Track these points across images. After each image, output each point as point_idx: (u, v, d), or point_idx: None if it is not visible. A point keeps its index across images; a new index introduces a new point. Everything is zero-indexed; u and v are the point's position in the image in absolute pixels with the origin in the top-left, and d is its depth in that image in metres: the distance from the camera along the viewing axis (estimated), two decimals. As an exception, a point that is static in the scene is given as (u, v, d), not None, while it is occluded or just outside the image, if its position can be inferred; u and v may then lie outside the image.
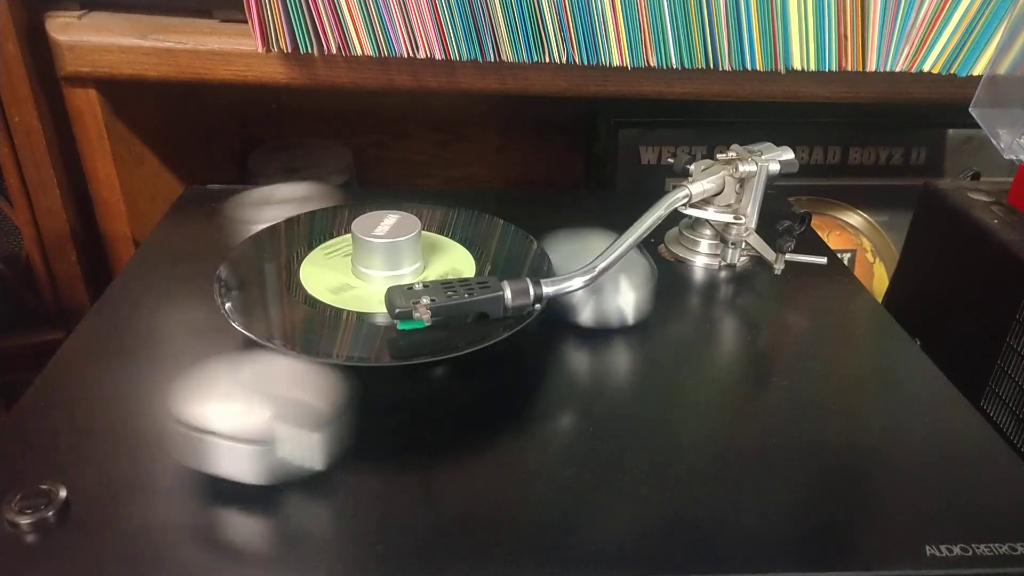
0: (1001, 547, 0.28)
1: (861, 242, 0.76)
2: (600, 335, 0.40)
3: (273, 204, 0.49)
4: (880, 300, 0.63)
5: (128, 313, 0.40)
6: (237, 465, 0.29)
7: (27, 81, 0.55)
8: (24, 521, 0.27)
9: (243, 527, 0.28)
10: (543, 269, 0.40)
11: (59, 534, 0.27)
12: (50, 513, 0.27)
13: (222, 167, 0.83)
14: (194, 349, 0.37)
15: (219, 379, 0.31)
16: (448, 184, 0.92)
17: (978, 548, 0.28)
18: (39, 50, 0.55)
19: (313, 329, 0.36)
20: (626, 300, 0.40)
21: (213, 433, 0.28)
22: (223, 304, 0.36)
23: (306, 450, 0.30)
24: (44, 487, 0.28)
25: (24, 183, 0.58)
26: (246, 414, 0.29)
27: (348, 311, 0.37)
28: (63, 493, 0.28)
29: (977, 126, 0.49)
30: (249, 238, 0.42)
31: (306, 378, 0.32)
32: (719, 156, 0.45)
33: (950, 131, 0.73)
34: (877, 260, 0.76)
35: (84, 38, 0.54)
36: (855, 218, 0.75)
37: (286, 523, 0.28)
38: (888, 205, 0.75)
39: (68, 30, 0.54)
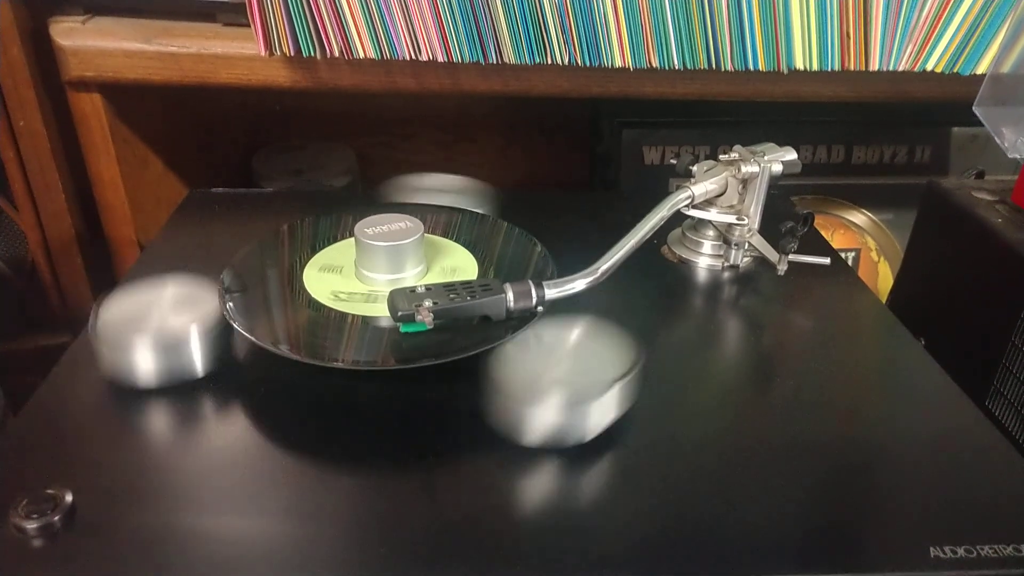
0: (1005, 548, 0.28)
1: (866, 241, 0.76)
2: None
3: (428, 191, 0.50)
4: (885, 299, 0.62)
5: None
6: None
7: (32, 86, 0.55)
8: (30, 525, 0.27)
9: (248, 530, 0.28)
10: (546, 272, 0.40)
11: (65, 538, 0.27)
12: (56, 517, 0.27)
13: (226, 170, 0.83)
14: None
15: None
16: (451, 185, 0.92)
17: (982, 549, 0.28)
18: (44, 55, 0.55)
19: (317, 333, 0.36)
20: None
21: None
22: (227, 307, 0.36)
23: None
24: (50, 491, 0.28)
25: (29, 187, 0.59)
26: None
27: (351, 314, 0.37)
28: (69, 497, 0.28)
29: (982, 124, 0.49)
30: (253, 243, 0.42)
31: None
32: (722, 157, 0.45)
33: (954, 129, 0.73)
34: (882, 259, 0.76)
35: (88, 43, 0.54)
36: (859, 217, 0.75)
37: (290, 525, 0.28)
38: (892, 204, 0.75)
39: (72, 35, 0.54)
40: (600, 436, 0.33)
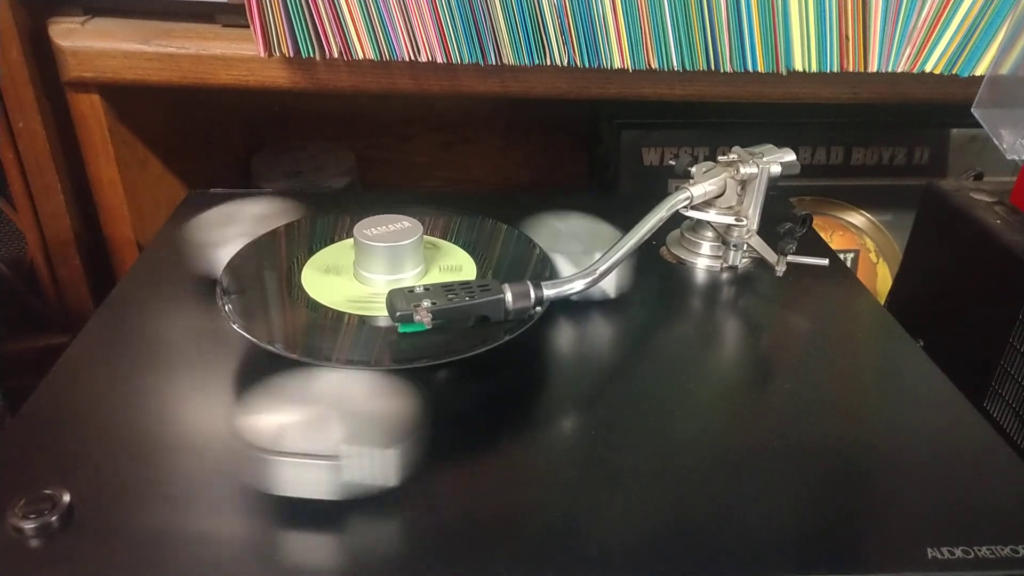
0: (1003, 549, 0.28)
1: (864, 242, 0.76)
2: (602, 336, 0.40)
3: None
4: (883, 300, 0.63)
5: (132, 317, 0.40)
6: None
7: (31, 87, 0.55)
8: (28, 526, 0.27)
9: (244, 531, 0.28)
10: (545, 273, 0.40)
11: (63, 539, 0.27)
12: (54, 518, 0.27)
13: (225, 170, 0.83)
14: (197, 353, 0.38)
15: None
16: (451, 186, 0.92)
17: (980, 550, 0.28)
18: (43, 56, 0.55)
19: (315, 333, 0.36)
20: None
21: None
22: (225, 308, 0.36)
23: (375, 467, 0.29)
24: (48, 492, 0.28)
25: (28, 188, 0.59)
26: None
27: (349, 315, 0.37)
28: (67, 498, 0.28)
29: (981, 125, 0.49)
30: (251, 243, 0.42)
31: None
32: (720, 158, 0.45)
33: (953, 131, 0.73)
34: (880, 260, 0.76)
35: (87, 44, 0.54)
36: (858, 218, 0.75)
37: (286, 526, 0.28)
38: (891, 205, 0.75)
39: (71, 36, 0.54)
40: (600, 436, 0.33)
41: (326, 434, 0.30)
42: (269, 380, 0.32)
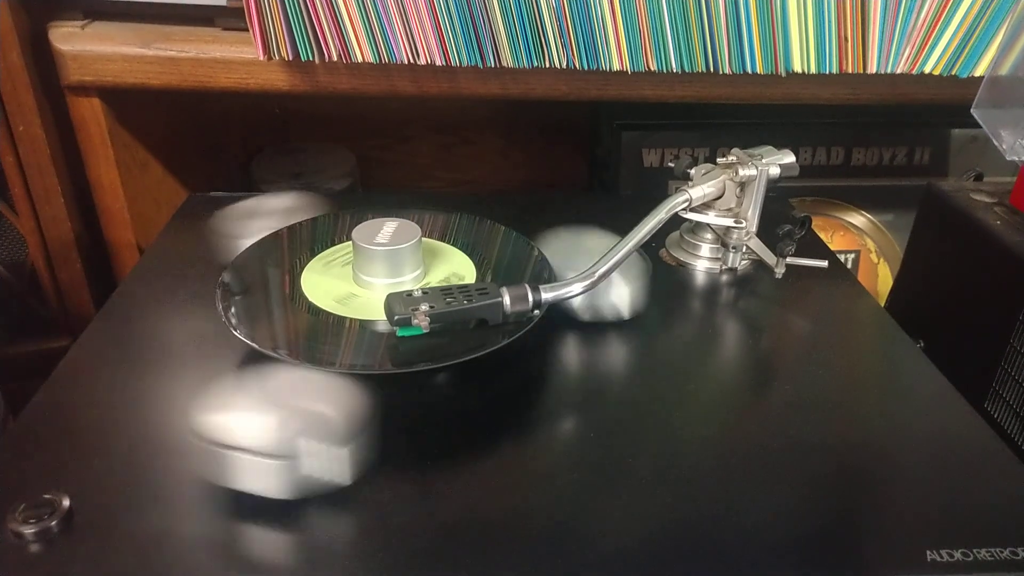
0: (1002, 551, 0.28)
1: (865, 243, 0.76)
2: (601, 338, 0.40)
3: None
4: (884, 301, 0.62)
5: (132, 320, 0.40)
6: (261, 480, 0.29)
7: (31, 90, 0.55)
8: (28, 530, 0.27)
9: (245, 535, 0.28)
10: (543, 275, 0.40)
11: (62, 543, 0.27)
12: (53, 522, 0.27)
13: (226, 173, 0.83)
14: (198, 357, 0.38)
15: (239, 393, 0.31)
16: (452, 187, 0.92)
17: (979, 552, 0.28)
18: (43, 59, 0.55)
19: (314, 337, 0.36)
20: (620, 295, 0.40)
21: (237, 448, 0.28)
22: (225, 313, 0.36)
23: (331, 464, 0.30)
24: (48, 496, 0.28)
25: (29, 191, 0.59)
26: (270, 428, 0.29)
27: (349, 319, 0.37)
28: (66, 502, 0.28)
29: (980, 126, 0.49)
30: (251, 246, 0.42)
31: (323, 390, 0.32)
32: (719, 160, 0.45)
33: (954, 131, 0.73)
34: (881, 260, 0.76)
35: (87, 47, 0.54)
36: (859, 219, 0.75)
37: (287, 531, 0.28)
38: (892, 205, 0.75)
39: (71, 40, 0.55)
40: (601, 436, 0.33)
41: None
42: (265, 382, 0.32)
